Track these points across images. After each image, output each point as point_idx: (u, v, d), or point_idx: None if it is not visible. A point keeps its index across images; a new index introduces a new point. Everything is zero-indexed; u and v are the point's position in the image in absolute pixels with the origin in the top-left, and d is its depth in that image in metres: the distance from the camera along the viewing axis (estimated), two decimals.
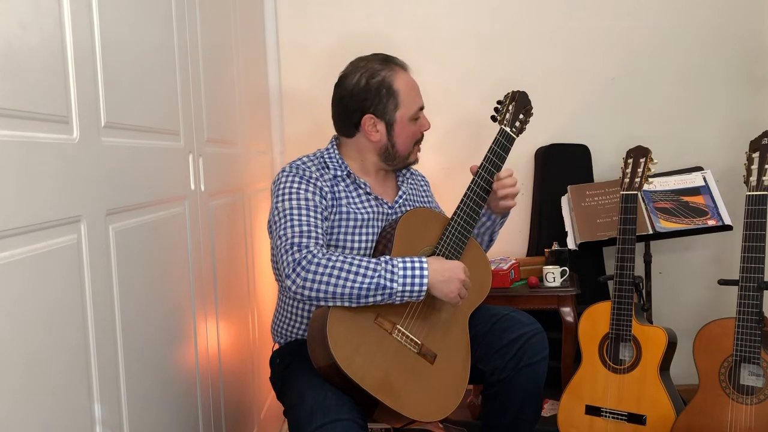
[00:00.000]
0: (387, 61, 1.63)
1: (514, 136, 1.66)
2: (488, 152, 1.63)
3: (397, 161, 1.67)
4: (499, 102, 1.71)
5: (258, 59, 2.43)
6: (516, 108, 1.68)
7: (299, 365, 1.50)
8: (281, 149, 2.61)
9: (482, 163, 1.62)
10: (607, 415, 1.94)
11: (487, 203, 1.64)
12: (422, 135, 1.69)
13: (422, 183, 1.84)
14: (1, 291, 0.80)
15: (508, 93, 1.71)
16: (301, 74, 2.59)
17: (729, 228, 2.20)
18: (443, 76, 2.61)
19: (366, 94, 1.59)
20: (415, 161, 1.71)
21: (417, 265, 1.41)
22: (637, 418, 1.90)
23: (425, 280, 1.40)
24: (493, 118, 1.70)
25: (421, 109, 1.66)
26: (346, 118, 1.63)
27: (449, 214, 1.60)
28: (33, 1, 0.89)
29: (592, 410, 1.96)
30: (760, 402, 1.74)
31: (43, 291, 0.89)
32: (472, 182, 1.60)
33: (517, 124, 1.68)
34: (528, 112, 1.71)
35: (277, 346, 1.71)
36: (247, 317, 2.03)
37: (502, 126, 1.66)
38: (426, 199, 1.81)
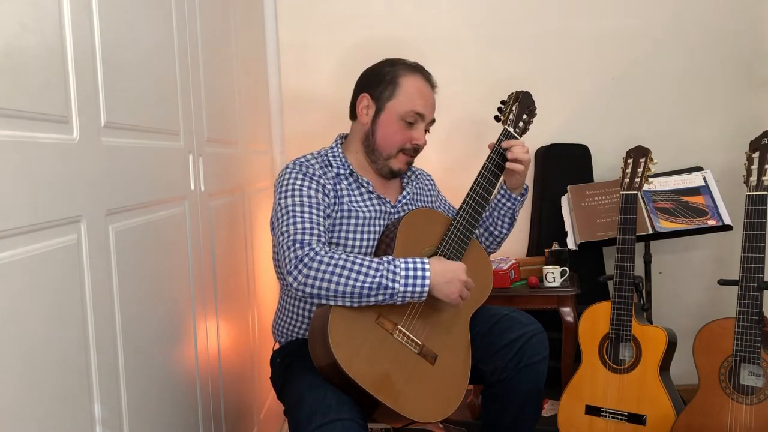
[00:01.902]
0: (414, 66, 1.66)
1: (517, 136, 1.66)
2: (492, 153, 1.62)
3: (376, 157, 1.63)
4: (502, 102, 1.70)
5: (258, 59, 2.42)
6: (519, 108, 1.67)
7: (300, 365, 1.50)
8: (281, 149, 2.60)
9: (485, 164, 1.61)
10: (607, 415, 1.94)
11: (499, 182, 1.66)
12: (412, 147, 1.62)
13: (427, 182, 1.83)
14: (1, 291, 0.80)
15: (512, 93, 1.70)
16: (301, 74, 2.59)
17: (729, 228, 2.20)
18: (443, 75, 2.56)
19: (373, 76, 1.65)
20: (399, 171, 1.65)
21: (419, 266, 1.41)
22: (637, 418, 1.90)
23: (427, 281, 1.40)
24: (497, 118, 1.69)
25: (421, 116, 1.61)
26: (354, 96, 1.67)
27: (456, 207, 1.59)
28: (33, 2, 0.89)
29: (592, 410, 1.96)
30: (760, 402, 1.74)
31: (43, 291, 0.89)
32: (474, 183, 1.59)
33: (521, 124, 1.67)
34: (532, 113, 1.70)
35: (277, 346, 1.71)
36: (247, 317, 2.03)
37: (506, 126, 1.65)
38: (430, 199, 1.80)
